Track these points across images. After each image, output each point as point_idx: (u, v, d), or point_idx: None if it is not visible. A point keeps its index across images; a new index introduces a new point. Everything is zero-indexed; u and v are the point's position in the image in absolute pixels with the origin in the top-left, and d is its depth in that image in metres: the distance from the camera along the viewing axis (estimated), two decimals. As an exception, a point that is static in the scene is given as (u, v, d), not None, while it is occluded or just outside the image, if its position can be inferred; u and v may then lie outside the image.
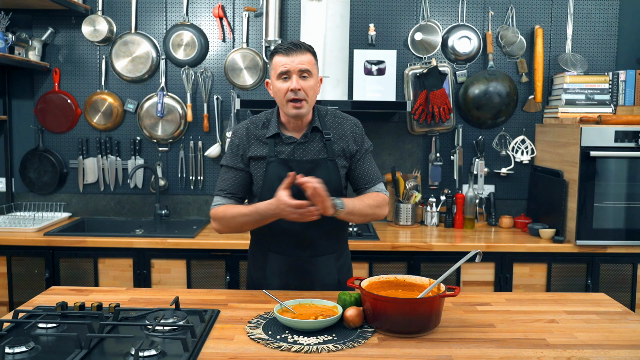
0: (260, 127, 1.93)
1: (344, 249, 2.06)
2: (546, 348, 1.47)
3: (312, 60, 1.84)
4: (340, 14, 2.98)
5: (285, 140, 1.90)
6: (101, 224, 3.29)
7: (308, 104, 1.83)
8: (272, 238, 1.95)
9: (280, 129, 1.91)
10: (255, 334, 1.52)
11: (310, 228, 1.89)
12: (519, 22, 3.29)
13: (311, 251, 1.94)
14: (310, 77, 1.82)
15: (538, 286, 2.83)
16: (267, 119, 1.94)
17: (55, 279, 2.82)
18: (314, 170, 1.87)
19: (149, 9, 3.29)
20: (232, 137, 1.96)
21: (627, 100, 3.07)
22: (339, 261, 2.01)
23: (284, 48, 1.81)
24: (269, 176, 1.88)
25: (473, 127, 3.35)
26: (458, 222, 3.19)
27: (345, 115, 1.99)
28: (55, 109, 3.29)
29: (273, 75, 1.85)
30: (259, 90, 3.32)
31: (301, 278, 1.95)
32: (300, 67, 1.80)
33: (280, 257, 1.95)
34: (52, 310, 1.64)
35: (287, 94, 1.80)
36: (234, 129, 1.96)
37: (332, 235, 1.97)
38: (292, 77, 1.80)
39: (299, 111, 1.82)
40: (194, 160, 3.35)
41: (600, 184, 2.77)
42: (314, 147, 1.90)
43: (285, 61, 1.80)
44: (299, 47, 1.82)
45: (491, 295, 1.99)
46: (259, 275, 2.01)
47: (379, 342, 1.49)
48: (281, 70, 1.80)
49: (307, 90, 1.82)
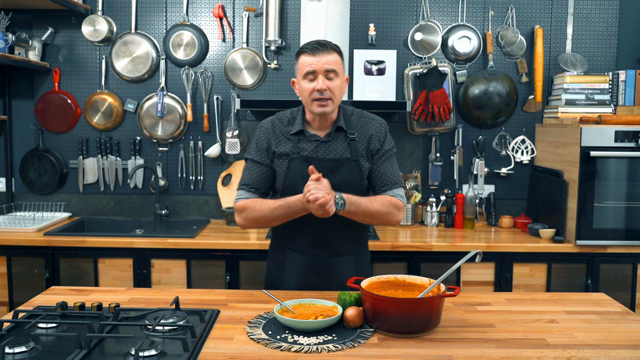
0: (285, 124, 1.93)
1: (364, 251, 2.05)
2: (546, 348, 1.47)
3: (338, 59, 1.83)
4: (340, 14, 2.98)
5: (309, 138, 1.90)
6: (101, 224, 3.29)
7: (334, 103, 1.83)
8: (291, 236, 1.95)
9: (304, 127, 1.91)
10: (255, 334, 1.52)
11: (329, 228, 1.89)
12: (519, 22, 3.29)
13: (329, 251, 1.94)
14: (336, 77, 1.82)
15: (538, 286, 2.83)
16: (293, 116, 1.94)
17: (55, 279, 2.82)
18: (336, 169, 1.87)
19: (149, 9, 3.29)
20: (258, 131, 1.96)
21: (627, 100, 3.07)
22: (358, 263, 2.00)
23: (310, 48, 1.81)
24: (290, 173, 1.88)
25: (473, 127, 3.35)
26: (458, 222, 3.19)
27: (372, 115, 1.98)
28: (55, 109, 3.29)
29: (299, 75, 1.84)
30: (259, 90, 3.32)
31: (319, 278, 1.95)
32: (326, 67, 1.79)
33: (299, 256, 1.95)
34: (52, 310, 1.64)
35: (312, 93, 1.80)
36: (260, 124, 1.97)
37: (351, 236, 1.96)
38: (318, 77, 1.80)
39: (324, 109, 1.81)
40: (194, 160, 3.35)
41: (600, 184, 2.77)
42: (337, 146, 1.90)
43: (311, 61, 1.79)
44: (325, 46, 1.81)
45: (491, 295, 1.99)
46: (278, 273, 2.02)
47: (379, 342, 1.49)
48: (307, 70, 1.80)
49: (334, 90, 1.81)
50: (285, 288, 1.98)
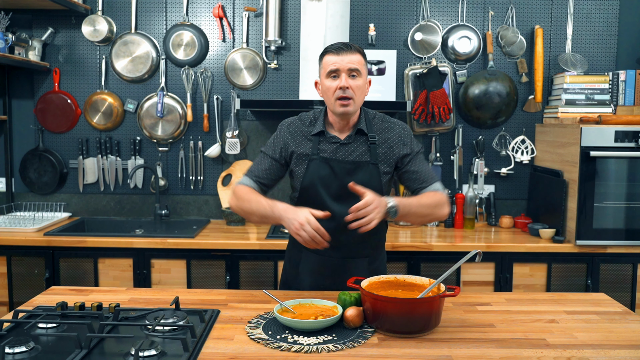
0: (307, 124, 1.95)
1: (379, 253, 2.05)
2: (546, 348, 1.47)
3: (361, 60, 1.85)
4: (340, 14, 2.98)
5: (330, 140, 1.90)
6: (101, 224, 3.29)
7: (355, 103, 1.83)
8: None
9: (326, 128, 1.92)
10: (255, 334, 1.52)
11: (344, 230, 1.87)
12: (519, 22, 3.29)
13: (344, 252, 1.94)
14: (359, 77, 1.83)
15: (538, 286, 2.83)
16: (315, 117, 1.96)
17: (55, 279, 2.82)
18: (355, 172, 1.87)
19: (149, 9, 3.29)
20: (278, 129, 1.98)
21: (627, 100, 3.07)
22: (372, 265, 2.00)
23: (334, 48, 1.83)
24: (309, 173, 1.89)
25: (473, 127, 3.35)
26: (458, 222, 3.19)
27: (394, 120, 1.98)
28: (55, 109, 3.29)
29: (322, 74, 1.86)
30: (259, 90, 3.32)
31: (332, 278, 1.95)
32: (349, 66, 1.80)
33: (314, 256, 1.96)
34: (52, 310, 1.64)
35: (335, 92, 1.81)
36: (282, 122, 1.99)
37: (365, 239, 1.93)
38: (341, 75, 1.81)
39: (346, 109, 1.82)
40: (194, 160, 3.35)
41: (600, 184, 2.77)
42: (357, 149, 1.90)
43: (335, 60, 1.81)
44: (349, 47, 1.83)
45: (491, 295, 1.99)
46: (293, 272, 2.02)
47: (379, 342, 1.49)
48: (331, 68, 1.81)
49: (356, 90, 1.82)
50: (299, 287, 1.99)
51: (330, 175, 1.88)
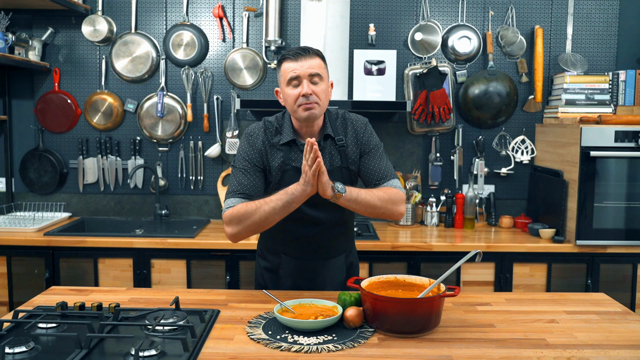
0: (273, 133, 1.88)
1: (352, 246, 2.08)
2: (546, 348, 1.47)
3: (321, 64, 1.80)
4: (340, 14, 2.98)
5: (301, 147, 1.85)
6: (101, 224, 3.29)
7: (320, 107, 1.79)
8: (284, 243, 1.95)
9: (295, 136, 1.86)
10: (255, 334, 1.52)
11: (323, 233, 1.90)
12: (519, 22, 3.29)
13: (322, 254, 1.95)
14: (321, 81, 1.78)
15: (538, 286, 2.83)
16: (279, 125, 1.89)
17: (55, 279, 2.82)
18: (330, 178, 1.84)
19: (149, 9, 3.29)
20: (247, 138, 1.87)
21: (627, 100, 3.07)
22: (348, 259, 2.04)
23: (292, 54, 1.78)
24: (285, 184, 1.80)
25: (473, 127, 3.35)
26: (458, 222, 3.19)
27: (354, 116, 1.94)
28: (55, 109, 3.29)
29: (282, 82, 1.80)
30: (259, 90, 3.32)
31: (313, 279, 1.96)
32: (310, 72, 1.75)
33: (294, 260, 1.96)
34: (52, 310, 1.64)
35: (298, 99, 1.76)
36: (248, 131, 1.89)
37: (342, 236, 1.98)
38: (302, 82, 1.76)
39: (311, 112, 1.76)
40: (194, 160, 3.35)
41: (600, 184, 2.77)
42: (327, 154, 1.87)
43: (294, 66, 1.76)
44: (307, 51, 1.78)
45: (491, 295, 1.99)
46: (272, 276, 2.01)
47: (379, 342, 1.49)
48: (291, 75, 1.76)
49: (319, 94, 1.77)
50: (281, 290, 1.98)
51: None
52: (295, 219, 1.83)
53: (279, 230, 1.88)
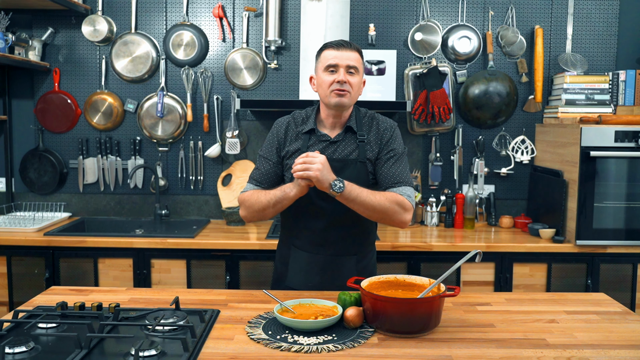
0: (300, 123, 1.96)
1: (368, 252, 2.03)
2: (546, 348, 1.47)
3: (359, 59, 1.87)
4: (340, 14, 2.98)
5: (320, 138, 1.91)
6: (101, 224, 3.29)
7: (351, 96, 1.85)
8: (295, 233, 1.97)
9: (317, 126, 1.93)
10: (255, 334, 1.52)
11: (332, 227, 1.91)
12: (519, 22, 3.29)
13: (331, 250, 1.94)
14: (356, 74, 1.85)
15: (538, 286, 2.83)
16: (307, 115, 1.97)
17: (55, 279, 2.82)
18: (343, 170, 1.87)
19: (149, 9, 3.29)
20: (272, 129, 1.99)
21: (627, 100, 3.07)
22: (361, 263, 1.99)
23: (335, 43, 1.86)
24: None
25: (473, 127, 3.35)
26: (458, 222, 3.19)
27: (384, 117, 1.98)
28: (55, 109, 3.29)
29: (320, 68, 1.87)
30: (259, 90, 3.32)
31: (321, 276, 1.95)
32: (348, 63, 1.83)
33: (302, 253, 1.97)
34: (52, 310, 1.63)
35: (332, 84, 1.83)
36: (276, 121, 2.01)
37: (354, 237, 1.96)
38: (339, 70, 1.83)
39: (342, 99, 1.83)
40: (194, 160, 3.35)
41: (600, 184, 2.77)
42: (345, 147, 1.91)
43: (335, 54, 1.83)
44: (349, 45, 1.86)
45: (491, 295, 1.99)
46: (283, 269, 2.03)
47: (379, 342, 1.49)
48: (330, 62, 1.83)
49: (353, 85, 1.84)
50: (289, 284, 1.99)
51: None
52: (304, 208, 1.89)
53: (291, 220, 1.94)
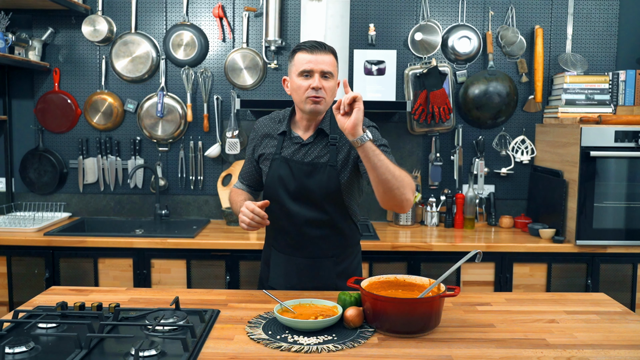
0: (276, 123, 1.98)
1: (347, 255, 1.99)
2: (546, 348, 1.47)
3: (334, 62, 1.84)
4: (340, 14, 2.98)
5: (293, 140, 1.92)
6: (101, 224, 3.29)
7: (326, 102, 1.84)
8: (274, 236, 1.99)
9: (291, 127, 1.94)
10: (255, 334, 1.52)
11: (306, 230, 1.90)
12: (519, 22, 3.29)
13: (306, 252, 1.94)
14: (331, 79, 1.83)
15: (538, 286, 2.83)
16: (284, 116, 1.98)
17: (55, 279, 2.82)
18: (312, 173, 1.87)
19: (149, 9, 3.29)
20: (253, 129, 2.04)
21: (627, 100, 3.07)
22: (340, 266, 1.97)
23: (308, 46, 1.81)
24: (271, 172, 1.92)
25: (473, 127, 3.35)
26: (458, 222, 3.19)
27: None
28: (55, 109, 3.29)
29: (294, 72, 1.84)
30: (259, 90, 3.31)
31: (299, 278, 1.95)
32: (323, 68, 1.80)
33: (282, 256, 1.97)
34: (52, 310, 1.63)
35: (307, 91, 1.81)
36: (257, 121, 2.04)
37: (327, 239, 1.93)
38: (314, 76, 1.80)
39: (317, 106, 1.82)
40: (194, 160, 3.35)
41: (600, 184, 2.77)
42: (316, 150, 1.89)
43: (309, 59, 1.80)
44: (323, 47, 1.82)
45: (491, 295, 1.99)
46: (266, 271, 2.05)
47: (379, 342, 1.49)
48: (304, 68, 1.80)
49: (327, 91, 1.82)
50: (271, 285, 2.00)
51: (289, 175, 1.88)
52: (277, 212, 1.91)
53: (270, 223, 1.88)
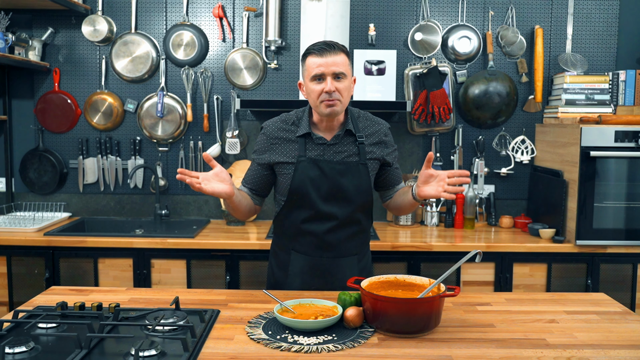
0: (290, 125, 1.92)
1: (366, 251, 2.06)
2: (546, 348, 1.47)
3: (345, 60, 1.81)
4: (340, 14, 2.98)
5: (316, 141, 1.89)
6: (101, 224, 3.29)
7: (342, 103, 1.82)
8: (295, 238, 1.95)
9: (311, 129, 1.90)
10: (255, 334, 1.52)
11: (334, 230, 1.90)
12: (519, 22, 3.29)
13: (333, 252, 1.94)
14: (344, 79, 1.80)
15: (538, 286, 2.83)
16: (298, 117, 1.93)
17: (55, 279, 2.82)
18: (345, 173, 1.87)
19: (149, 9, 3.29)
20: (261, 134, 1.96)
21: (627, 100, 3.07)
22: (361, 263, 2.00)
23: (317, 49, 1.79)
24: (298, 174, 1.87)
25: (473, 127, 3.35)
26: (458, 222, 3.19)
27: (377, 118, 1.99)
28: (55, 109, 3.29)
29: (306, 77, 1.82)
30: (259, 90, 3.32)
31: (323, 279, 1.95)
32: (334, 70, 1.77)
33: (303, 257, 1.95)
34: (52, 310, 1.63)
35: (321, 95, 1.79)
36: (264, 125, 1.97)
37: (354, 237, 1.96)
38: (326, 79, 1.78)
39: (333, 109, 1.80)
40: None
41: (600, 184, 2.77)
42: (345, 149, 1.90)
43: (319, 62, 1.77)
44: (333, 47, 1.79)
45: (491, 295, 1.99)
46: (281, 274, 2.01)
47: (379, 342, 1.49)
48: (316, 72, 1.78)
49: (342, 92, 1.80)
50: (289, 289, 1.98)
51: (320, 176, 1.87)
52: (308, 213, 1.89)
53: (290, 225, 1.92)
